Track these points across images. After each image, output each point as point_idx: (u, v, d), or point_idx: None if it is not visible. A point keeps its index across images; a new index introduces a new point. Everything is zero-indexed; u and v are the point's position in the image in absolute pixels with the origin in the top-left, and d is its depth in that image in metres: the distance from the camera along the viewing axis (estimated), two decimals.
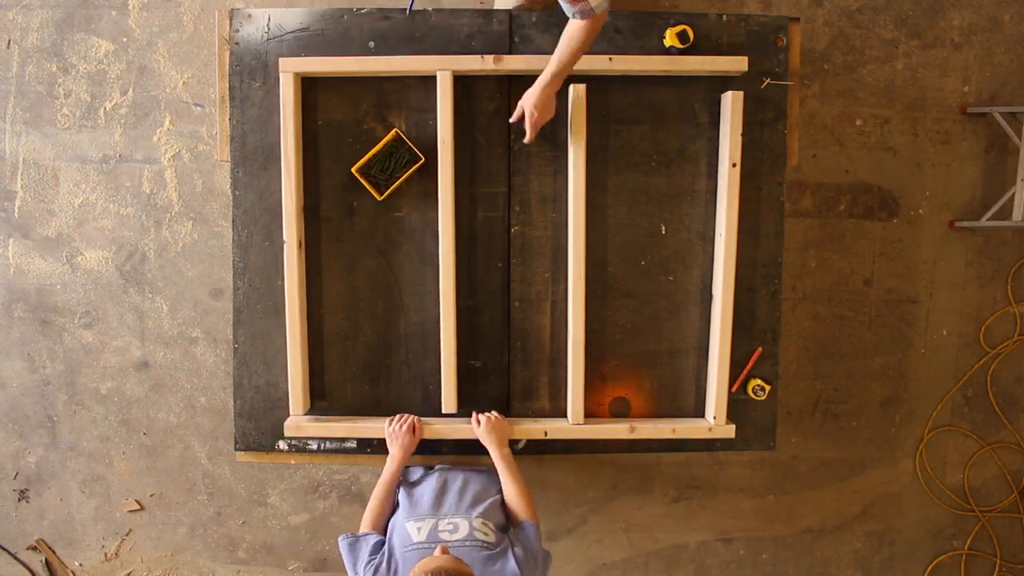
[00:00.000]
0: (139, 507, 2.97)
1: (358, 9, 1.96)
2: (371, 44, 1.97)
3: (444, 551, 1.50)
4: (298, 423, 1.99)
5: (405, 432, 1.94)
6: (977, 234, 3.00)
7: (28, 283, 2.87)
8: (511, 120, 1.89)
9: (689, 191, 2.04)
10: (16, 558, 2.99)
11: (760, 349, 2.07)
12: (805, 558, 3.12)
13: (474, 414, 1.99)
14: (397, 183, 1.95)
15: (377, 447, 2.06)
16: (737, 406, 2.09)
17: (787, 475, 3.06)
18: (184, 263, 2.86)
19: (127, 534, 2.99)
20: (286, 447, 2.06)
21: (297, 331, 1.96)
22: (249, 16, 1.96)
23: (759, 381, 2.07)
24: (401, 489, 1.88)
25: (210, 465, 2.95)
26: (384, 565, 1.62)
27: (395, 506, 1.87)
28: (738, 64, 1.95)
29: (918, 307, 3.02)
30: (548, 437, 2.02)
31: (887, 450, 3.07)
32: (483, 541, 1.65)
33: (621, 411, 2.09)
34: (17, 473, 2.95)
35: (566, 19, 1.95)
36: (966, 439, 3.09)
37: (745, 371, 2.08)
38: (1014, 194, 2.78)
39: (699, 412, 2.11)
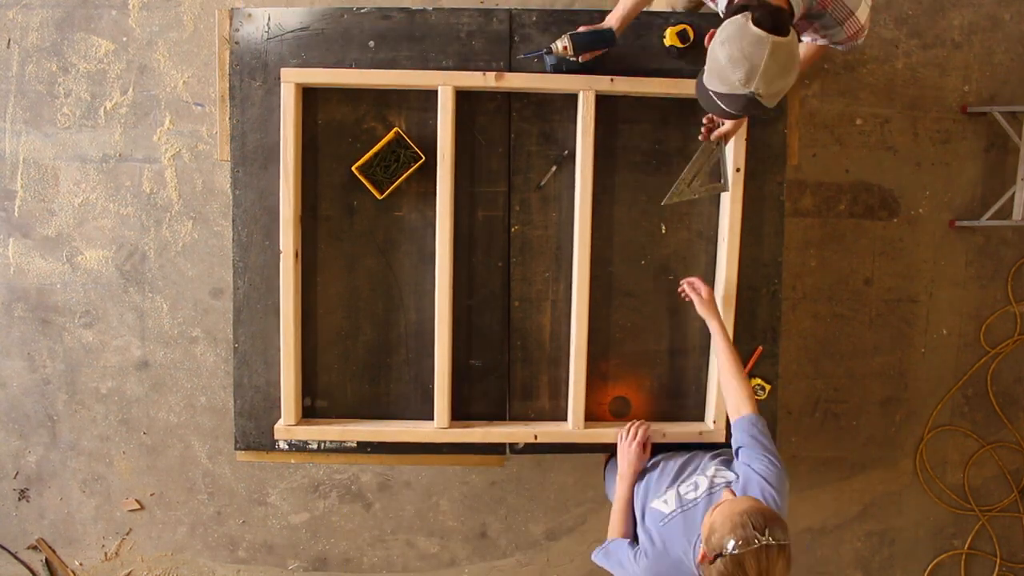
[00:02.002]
0: (139, 506, 2.97)
1: (358, 9, 1.96)
2: (371, 44, 1.97)
3: (732, 493, 1.51)
4: (289, 428, 1.99)
5: (635, 450, 1.91)
6: (977, 233, 3.00)
7: (28, 282, 2.87)
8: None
9: None
10: (16, 557, 2.99)
11: (760, 348, 2.07)
12: (805, 557, 3.12)
13: (685, 285, 1.94)
14: (398, 182, 1.95)
15: (377, 447, 2.06)
16: None
17: (787, 474, 3.06)
18: (184, 262, 2.86)
19: (127, 533, 2.99)
20: (286, 446, 2.06)
21: (291, 341, 1.96)
22: (249, 15, 1.96)
23: (759, 380, 2.07)
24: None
25: (210, 464, 2.95)
26: (650, 545, 1.63)
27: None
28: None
29: (918, 306, 3.02)
30: (539, 441, 2.03)
31: (887, 449, 3.07)
32: (726, 481, 1.64)
33: (621, 410, 2.09)
34: (17, 472, 2.95)
35: (572, 22, 1.96)
36: (966, 439, 3.09)
37: (746, 370, 2.08)
38: (1014, 193, 2.78)
39: (700, 411, 2.11)
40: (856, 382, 3.03)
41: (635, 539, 1.75)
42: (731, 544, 1.33)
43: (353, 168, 1.93)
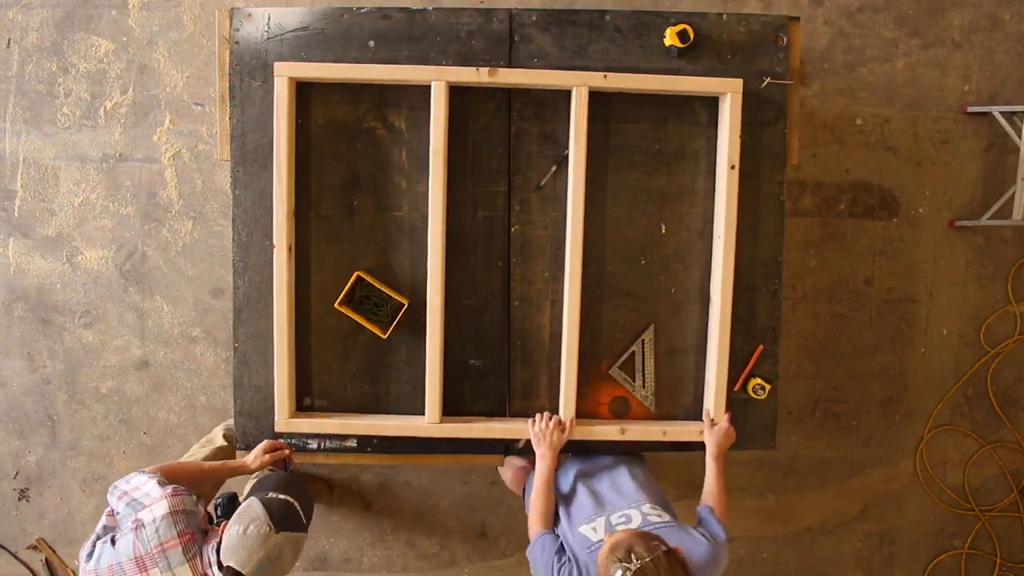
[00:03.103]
0: None
1: (358, 8, 1.96)
2: (371, 43, 1.97)
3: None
4: (287, 422, 2.00)
5: (554, 429, 1.95)
6: (977, 233, 3.00)
7: (28, 282, 2.87)
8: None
9: (689, 190, 2.05)
10: (16, 557, 2.99)
11: (761, 347, 2.07)
12: (805, 557, 3.12)
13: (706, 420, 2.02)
14: (396, 319, 1.97)
15: (377, 446, 2.06)
16: (737, 405, 2.09)
17: (787, 474, 3.06)
18: (184, 262, 2.86)
19: None
20: None
21: (285, 336, 1.96)
22: (249, 15, 1.96)
23: (759, 380, 2.07)
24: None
25: None
26: (576, 570, 1.63)
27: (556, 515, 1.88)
28: (733, 86, 1.95)
29: (918, 306, 3.02)
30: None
31: (887, 449, 3.07)
32: (661, 521, 1.69)
33: (620, 410, 2.10)
34: (17, 472, 2.95)
35: (572, 22, 1.96)
36: (966, 438, 3.09)
37: (747, 370, 2.07)
38: (1014, 193, 2.78)
39: (699, 411, 2.11)
40: (856, 382, 3.03)
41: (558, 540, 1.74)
42: None
43: (338, 306, 1.96)
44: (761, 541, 3.10)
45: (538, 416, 1.99)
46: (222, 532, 1.56)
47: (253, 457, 1.94)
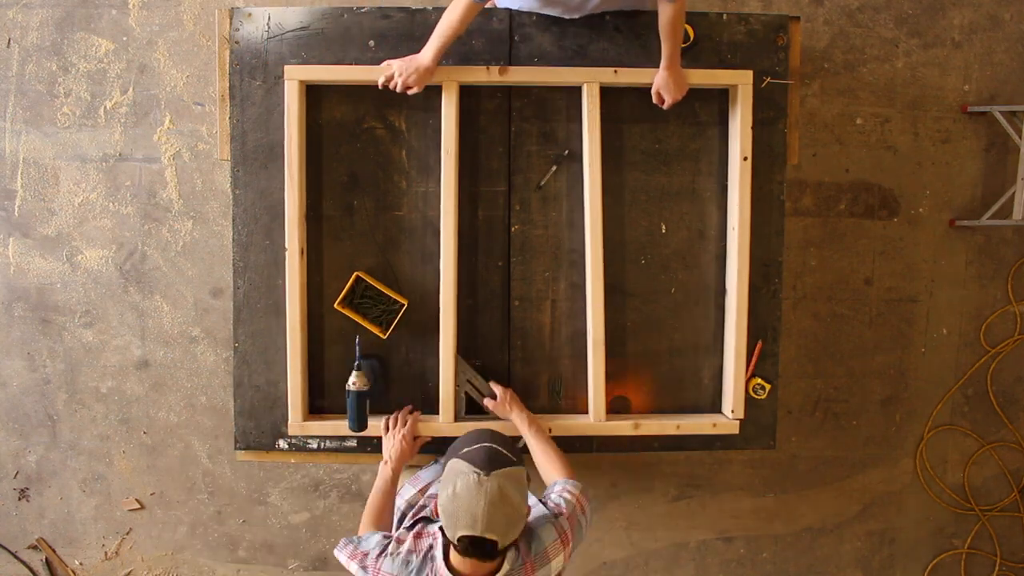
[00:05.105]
0: (139, 506, 2.97)
1: (358, 8, 1.96)
2: (371, 43, 1.97)
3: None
4: (301, 425, 2.00)
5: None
6: (977, 233, 3.00)
7: (28, 282, 2.87)
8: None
9: (689, 189, 2.05)
10: (16, 557, 2.99)
11: (760, 343, 2.07)
12: (805, 557, 3.12)
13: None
14: (395, 320, 1.97)
15: (377, 446, 2.05)
16: None
17: (787, 474, 3.06)
18: (184, 262, 2.86)
19: (127, 533, 2.99)
20: (286, 446, 2.06)
21: (298, 340, 1.95)
22: (249, 15, 1.96)
23: (759, 380, 2.07)
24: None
25: (210, 464, 2.95)
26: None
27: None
28: (743, 77, 1.95)
29: (918, 306, 3.02)
30: (551, 435, 2.02)
31: (887, 449, 3.08)
32: None
33: (622, 409, 2.10)
34: (17, 472, 2.95)
35: (568, 21, 1.96)
36: (966, 438, 3.09)
37: (748, 370, 2.07)
38: (1014, 193, 2.78)
39: (700, 410, 2.11)
40: (856, 381, 3.03)
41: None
42: None
43: (337, 306, 1.95)
44: (761, 541, 3.10)
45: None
46: (434, 509, 1.42)
47: (392, 458, 1.88)
